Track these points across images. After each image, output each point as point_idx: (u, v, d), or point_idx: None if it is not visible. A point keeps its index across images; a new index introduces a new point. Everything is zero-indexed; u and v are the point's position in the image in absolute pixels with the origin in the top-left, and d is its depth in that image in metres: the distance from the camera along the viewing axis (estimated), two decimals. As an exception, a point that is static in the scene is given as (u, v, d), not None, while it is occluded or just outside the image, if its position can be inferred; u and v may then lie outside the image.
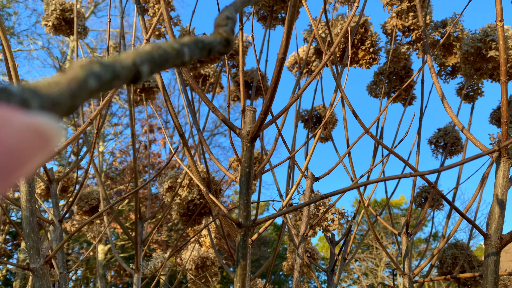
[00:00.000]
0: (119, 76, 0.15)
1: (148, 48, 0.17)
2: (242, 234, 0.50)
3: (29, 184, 0.61)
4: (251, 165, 0.51)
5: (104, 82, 0.14)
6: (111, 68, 0.14)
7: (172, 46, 0.17)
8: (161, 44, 0.17)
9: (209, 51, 0.19)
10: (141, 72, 0.16)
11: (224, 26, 0.21)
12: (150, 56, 0.16)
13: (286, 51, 0.41)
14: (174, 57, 0.17)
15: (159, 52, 0.17)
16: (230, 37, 0.21)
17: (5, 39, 0.52)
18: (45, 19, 1.51)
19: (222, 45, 0.20)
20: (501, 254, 2.47)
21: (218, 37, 0.20)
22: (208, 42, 0.19)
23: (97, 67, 0.14)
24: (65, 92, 0.13)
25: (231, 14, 0.22)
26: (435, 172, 0.47)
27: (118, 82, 0.15)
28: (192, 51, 0.18)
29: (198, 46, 0.18)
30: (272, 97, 0.45)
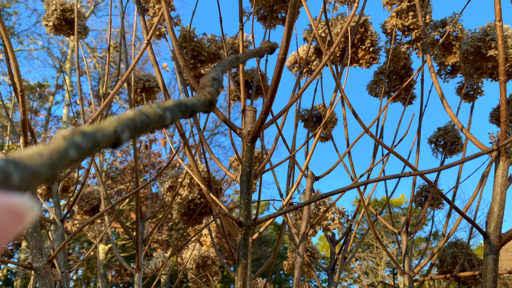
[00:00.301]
0: (99, 144, 0.15)
1: (131, 114, 0.17)
2: (243, 233, 0.50)
3: (31, 184, 0.61)
4: (251, 164, 0.51)
5: (84, 151, 0.15)
6: (92, 137, 0.15)
7: (155, 111, 0.18)
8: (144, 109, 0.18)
9: (191, 112, 0.20)
10: (121, 139, 0.16)
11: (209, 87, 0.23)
12: (132, 123, 0.17)
13: (286, 51, 0.41)
14: (156, 121, 0.18)
15: (141, 118, 0.17)
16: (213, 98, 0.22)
17: (7, 39, 0.52)
18: (46, 19, 1.51)
19: (205, 105, 0.22)
20: (501, 253, 2.47)
21: (202, 98, 0.22)
22: (191, 105, 0.20)
23: (78, 138, 0.15)
24: (45, 163, 0.13)
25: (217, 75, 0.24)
26: (435, 171, 0.48)
27: (97, 149, 0.16)
28: (174, 114, 0.19)
29: (181, 109, 0.20)
30: (273, 97, 0.45)
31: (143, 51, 0.74)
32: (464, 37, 1.36)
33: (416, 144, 1.24)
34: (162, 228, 8.00)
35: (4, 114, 7.34)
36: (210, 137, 9.85)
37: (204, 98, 0.22)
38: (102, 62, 9.28)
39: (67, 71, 8.54)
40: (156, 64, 0.79)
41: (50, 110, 8.93)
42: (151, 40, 0.84)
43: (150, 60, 0.79)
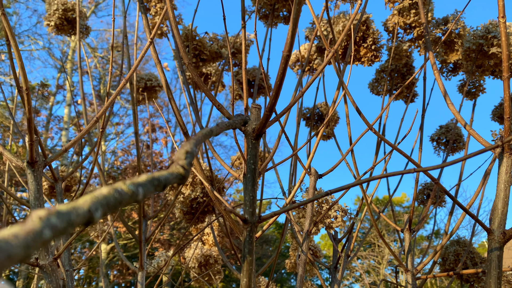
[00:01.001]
0: (73, 224, 0.16)
1: (105, 191, 0.18)
2: (248, 230, 0.50)
3: (37, 182, 0.61)
4: (256, 162, 0.51)
5: (58, 231, 0.15)
6: (67, 217, 0.16)
7: (128, 188, 0.19)
8: (118, 186, 0.19)
9: (164, 186, 0.21)
10: (94, 218, 0.17)
11: (183, 160, 0.24)
12: (105, 201, 0.18)
13: (291, 48, 0.41)
14: (129, 198, 0.19)
15: (115, 196, 0.18)
16: (186, 173, 0.23)
17: (12, 37, 0.52)
18: (47, 19, 1.52)
19: (178, 179, 0.23)
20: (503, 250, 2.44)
21: (175, 171, 0.23)
22: (163, 179, 0.21)
23: (54, 218, 0.15)
24: (21, 244, 0.14)
25: (190, 149, 0.25)
26: (439, 167, 0.48)
27: (71, 228, 0.16)
28: (146, 189, 0.20)
29: (154, 184, 0.20)
30: (278, 94, 0.45)
31: (147, 49, 0.74)
32: (466, 35, 1.36)
33: (419, 142, 1.24)
34: (163, 228, 8.02)
35: (6, 115, 7.34)
36: (211, 136, 9.84)
37: (177, 172, 0.23)
38: (103, 62, 9.29)
39: (68, 71, 8.55)
40: (159, 63, 0.79)
41: (51, 110, 8.94)
42: (153, 39, 0.84)
43: (153, 58, 0.79)
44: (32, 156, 0.59)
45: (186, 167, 0.23)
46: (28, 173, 0.62)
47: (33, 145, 0.58)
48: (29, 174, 0.62)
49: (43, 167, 0.64)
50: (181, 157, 0.24)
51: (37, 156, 0.60)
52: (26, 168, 0.62)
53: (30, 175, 0.62)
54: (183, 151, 0.24)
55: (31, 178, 0.62)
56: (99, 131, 0.85)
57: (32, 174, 0.62)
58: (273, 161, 1.02)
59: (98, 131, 0.97)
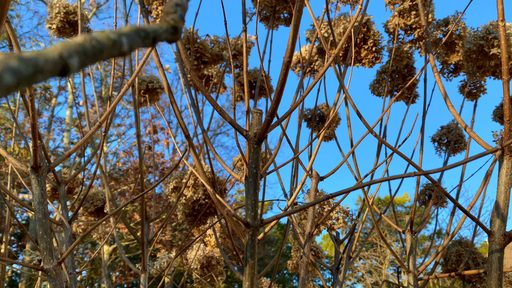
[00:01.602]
0: (43, 70, 0.14)
1: (79, 39, 0.16)
2: (250, 234, 0.51)
3: (41, 187, 0.62)
4: (257, 166, 0.52)
5: (24, 77, 0.14)
6: (33, 62, 0.14)
7: (108, 37, 0.17)
8: (96, 34, 0.17)
9: (153, 39, 0.19)
10: (70, 65, 0.15)
11: (173, 13, 0.21)
12: (81, 48, 0.16)
13: (292, 54, 0.42)
14: (110, 47, 0.17)
15: (93, 44, 0.16)
16: (178, 24, 0.20)
17: (16, 44, 0.53)
18: (49, 22, 1.52)
19: (169, 33, 0.20)
20: (505, 250, 2.45)
21: (165, 25, 0.20)
22: (152, 31, 0.19)
23: (14, 62, 0.14)
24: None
25: (181, 1, 0.21)
26: (439, 171, 0.48)
27: (41, 76, 0.14)
28: (132, 40, 0.18)
29: (140, 35, 0.18)
30: (279, 100, 0.46)
31: (148, 54, 0.75)
32: (466, 36, 1.36)
33: (420, 143, 1.24)
34: (165, 229, 8.02)
35: (7, 116, 7.36)
36: (213, 137, 9.87)
37: (167, 25, 0.20)
38: (105, 63, 9.31)
39: (70, 72, 8.57)
40: (160, 66, 0.80)
41: (53, 112, 8.96)
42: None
43: (155, 62, 0.79)
44: (36, 162, 0.60)
45: (177, 20, 0.20)
46: (32, 178, 0.63)
47: (37, 150, 0.59)
48: (33, 179, 0.63)
49: (47, 172, 0.64)
50: (171, 11, 0.20)
51: (41, 161, 0.61)
52: (30, 173, 0.62)
53: (34, 180, 0.63)
54: (172, 3, 0.21)
55: (35, 183, 0.62)
56: (101, 135, 0.85)
57: (36, 179, 0.63)
58: (274, 163, 1.03)
59: (99, 133, 0.98)
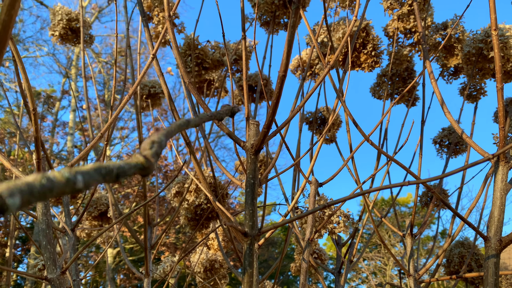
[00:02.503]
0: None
1: (30, 178, 0.16)
2: (248, 243, 0.52)
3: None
4: (255, 176, 0.53)
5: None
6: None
7: (62, 175, 0.17)
8: (51, 173, 0.17)
9: (116, 176, 0.19)
10: (8, 205, 0.15)
11: (148, 150, 0.21)
12: (28, 187, 0.16)
13: (286, 68, 0.42)
14: (63, 186, 0.17)
15: (43, 182, 0.16)
16: (148, 163, 0.21)
17: (20, 61, 0.54)
18: (52, 29, 1.54)
19: (137, 169, 0.20)
20: (507, 250, 2.47)
21: (134, 161, 0.20)
22: (116, 168, 0.19)
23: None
24: None
25: (158, 138, 0.22)
26: (435, 179, 0.49)
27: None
28: (89, 177, 0.18)
29: (101, 172, 0.18)
30: (275, 112, 0.47)
31: (149, 64, 0.76)
32: (465, 39, 1.37)
33: (419, 149, 1.25)
34: (169, 231, 8.04)
35: (12, 121, 7.40)
36: (216, 139, 9.88)
37: (137, 161, 0.20)
38: (107, 67, 9.35)
39: (73, 76, 8.61)
40: (161, 75, 0.81)
41: (57, 115, 9.00)
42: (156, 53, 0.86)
43: (156, 72, 0.81)
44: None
45: (149, 157, 0.21)
46: (35, 189, 0.63)
47: (40, 162, 0.60)
48: (36, 191, 0.63)
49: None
50: (146, 147, 0.21)
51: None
52: (34, 185, 0.63)
53: (38, 191, 0.63)
54: (149, 140, 0.22)
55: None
56: (104, 143, 0.86)
57: (39, 190, 0.63)
58: (275, 168, 1.03)
59: (103, 140, 0.99)
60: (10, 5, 0.23)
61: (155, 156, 0.21)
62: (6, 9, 0.25)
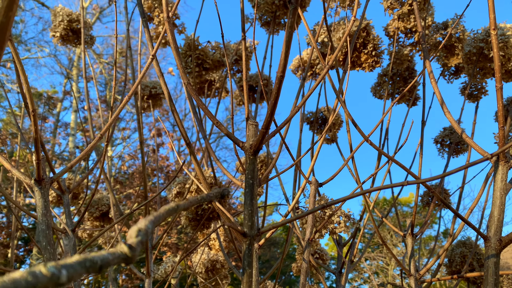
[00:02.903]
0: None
1: (18, 274, 0.16)
2: (247, 243, 0.52)
3: (44, 199, 0.63)
4: (254, 176, 0.53)
5: None
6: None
7: (47, 270, 0.17)
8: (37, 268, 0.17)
9: (100, 267, 0.19)
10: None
11: (133, 238, 0.22)
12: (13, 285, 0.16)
13: (284, 69, 0.43)
14: (47, 281, 0.17)
15: (28, 279, 0.16)
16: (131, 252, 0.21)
17: (19, 62, 0.54)
18: (53, 30, 1.54)
19: (120, 259, 0.20)
20: (509, 252, 2.46)
21: (118, 251, 0.20)
22: (100, 260, 0.19)
23: None
24: None
25: (145, 226, 0.23)
26: (434, 179, 0.49)
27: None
28: (73, 272, 0.18)
29: (85, 265, 0.18)
30: (273, 112, 0.47)
31: (149, 65, 0.76)
32: (466, 39, 1.36)
33: (420, 149, 1.25)
34: (171, 232, 8.05)
35: (13, 122, 7.42)
36: (217, 139, 9.88)
37: (120, 251, 0.21)
38: (109, 68, 9.36)
39: (74, 77, 8.62)
40: (161, 76, 0.81)
41: (59, 116, 9.02)
42: (156, 53, 0.86)
43: (156, 72, 0.81)
44: (39, 174, 0.61)
45: (134, 246, 0.21)
46: (35, 190, 0.64)
47: (40, 163, 0.60)
48: (36, 191, 0.64)
49: (50, 184, 0.66)
50: (132, 235, 0.22)
51: (44, 174, 0.62)
52: (33, 185, 0.64)
53: (38, 192, 0.64)
54: (136, 228, 0.22)
55: (39, 195, 0.64)
56: (104, 144, 0.87)
57: (39, 191, 0.64)
58: (276, 169, 1.03)
59: (103, 141, 0.99)
60: (7, 7, 0.23)
61: (139, 245, 0.22)
62: (4, 11, 0.25)
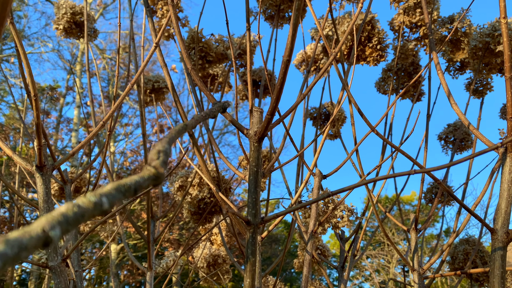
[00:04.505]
0: (27, 248, 0.15)
1: (63, 208, 0.17)
2: (251, 232, 0.51)
3: (46, 186, 0.63)
4: (259, 164, 0.52)
5: (10, 259, 0.15)
6: (18, 242, 0.15)
7: (89, 200, 0.18)
8: (79, 200, 0.18)
9: (135, 190, 0.20)
10: (51, 237, 0.16)
11: (155, 160, 0.22)
12: (63, 218, 0.17)
13: (291, 53, 0.42)
14: (92, 210, 0.18)
15: (74, 211, 0.17)
16: (159, 172, 0.22)
17: (20, 45, 0.54)
18: (56, 23, 1.54)
19: (150, 180, 0.21)
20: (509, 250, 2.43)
21: (146, 173, 0.21)
22: (133, 184, 0.20)
23: (1, 247, 0.15)
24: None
25: (163, 147, 0.24)
26: (441, 168, 0.48)
27: (25, 253, 0.15)
28: (112, 198, 0.19)
29: (121, 190, 0.19)
30: (278, 98, 0.46)
31: (152, 53, 0.75)
32: (472, 33, 1.35)
33: (424, 142, 1.24)
34: (173, 228, 8.06)
35: (17, 117, 7.44)
36: (220, 136, 9.89)
37: (149, 173, 0.22)
38: (112, 64, 9.36)
39: (77, 73, 8.63)
40: (165, 66, 0.80)
41: (61, 112, 9.03)
42: (159, 42, 0.85)
43: (159, 62, 0.80)
44: (41, 160, 0.61)
45: (159, 167, 0.22)
46: (37, 177, 0.64)
47: (41, 149, 0.59)
48: (38, 178, 0.64)
49: (52, 170, 0.65)
50: (154, 158, 0.23)
51: (46, 160, 0.62)
52: (35, 172, 0.63)
53: (39, 179, 0.64)
54: (155, 151, 0.23)
55: (40, 181, 0.63)
56: (107, 134, 0.86)
57: (41, 178, 0.63)
58: (279, 161, 1.03)
59: (105, 132, 0.99)
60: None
61: (163, 165, 0.23)
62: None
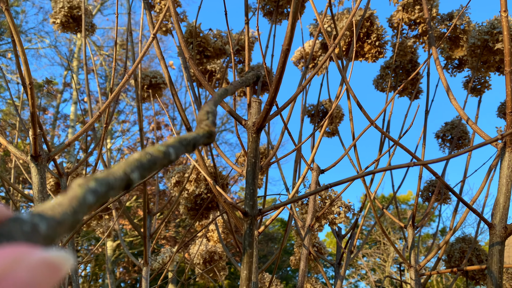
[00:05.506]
0: (113, 187, 0.16)
1: (136, 155, 0.18)
2: (248, 223, 0.51)
3: (40, 176, 0.62)
4: (257, 155, 0.52)
5: (101, 195, 0.16)
6: (106, 182, 0.16)
7: (158, 149, 0.19)
8: (148, 149, 0.19)
9: (193, 146, 0.22)
10: (132, 179, 0.18)
11: (206, 120, 0.24)
12: (139, 163, 0.18)
13: (290, 42, 0.41)
14: (162, 158, 0.19)
15: (147, 157, 0.19)
16: (212, 129, 0.24)
17: (16, 34, 0.53)
18: (53, 17, 1.53)
19: (205, 137, 0.23)
20: (506, 251, 2.45)
21: (201, 131, 0.23)
22: (191, 139, 0.22)
23: (93, 184, 0.16)
24: (67, 211, 0.14)
25: (211, 108, 0.25)
26: (439, 161, 0.48)
27: (113, 192, 0.17)
28: (177, 150, 0.20)
29: (183, 143, 0.21)
30: (277, 88, 0.45)
31: (150, 44, 0.75)
32: (471, 31, 1.35)
33: (423, 138, 1.24)
34: (169, 225, 8.05)
35: (13, 112, 7.40)
36: (217, 134, 9.88)
37: (203, 131, 0.23)
38: (109, 60, 9.33)
39: (75, 69, 8.59)
40: (162, 59, 0.80)
41: (58, 108, 9.00)
42: (157, 37, 0.84)
43: (157, 54, 0.79)
44: (36, 150, 0.60)
45: (210, 125, 0.24)
46: (32, 167, 0.63)
47: (36, 139, 0.59)
48: (32, 168, 0.63)
49: (47, 161, 0.64)
50: (203, 118, 0.24)
51: (41, 150, 0.61)
52: (30, 162, 0.63)
53: (34, 169, 0.63)
54: (204, 112, 0.25)
55: (35, 171, 0.63)
56: (103, 127, 0.85)
57: (35, 168, 0.63)
58: (276, 157, 1.02)
59: (102, 126, 0.98)
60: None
61: (213, 124, 0.24)
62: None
